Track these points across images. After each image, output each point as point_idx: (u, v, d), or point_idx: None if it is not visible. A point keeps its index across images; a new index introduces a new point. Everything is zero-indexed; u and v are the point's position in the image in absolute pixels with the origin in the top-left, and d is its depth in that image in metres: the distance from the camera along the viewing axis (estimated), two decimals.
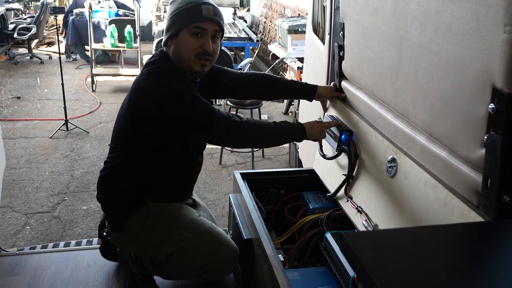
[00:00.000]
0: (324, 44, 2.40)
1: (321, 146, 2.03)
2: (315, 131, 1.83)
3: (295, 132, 1.80)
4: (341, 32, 1.94)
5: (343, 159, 1.89)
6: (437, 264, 0.78)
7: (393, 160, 1.53)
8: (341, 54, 1.98)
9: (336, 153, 1.87)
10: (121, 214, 1.86)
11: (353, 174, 1.80)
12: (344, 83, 2.01)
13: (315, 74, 2.57)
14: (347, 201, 1.81)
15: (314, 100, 2.09)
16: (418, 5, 1.31)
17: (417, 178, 1.40)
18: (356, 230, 1.74)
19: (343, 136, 1.84)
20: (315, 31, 2.72)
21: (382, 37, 1.57)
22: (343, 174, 1.85)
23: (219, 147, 4.53)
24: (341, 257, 1.57)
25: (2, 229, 3.20)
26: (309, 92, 2.05)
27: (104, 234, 2.00)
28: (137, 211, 1.85)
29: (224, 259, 1.85)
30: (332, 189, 1.95)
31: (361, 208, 1.70)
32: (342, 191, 1.87)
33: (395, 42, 1.48)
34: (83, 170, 4.15)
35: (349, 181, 1.82)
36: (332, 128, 1.92)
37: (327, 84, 2.31)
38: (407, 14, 1.38)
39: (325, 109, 2.14)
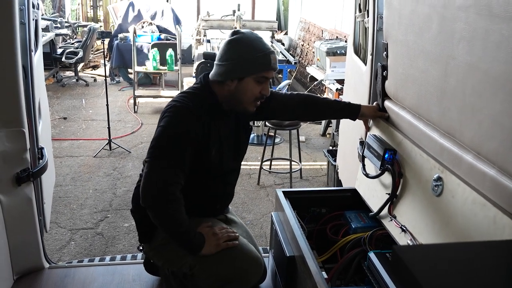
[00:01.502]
0: (366, 64, 2.42)
1: (363, 165, 2.04)
2: (211, 245, 1.82)
3: (192, 244, 1.79)
4: (385, 52, 1.96)
5: (386, 178, 1.89)
6: (494, 280, 0.77)
7: (439, 178, 1.52)
8: (384, 74, 1.99)
9: (379, 172, 1.87)
10: (148, 226, 1.91)
11: (397, 193, 1.80)
12: (387, 103, 2.02)
13: (356, 94, 2.59)
14: (391, 220, 1.80)
15: (357, 120, 2.11)
16: (465, 24, 1.32)
17: (465, 197, 1.39)
18: None
19: (386, 155, 1.84)
20: (356, 52, 2.74)
21: (427, 57, 1.58)
22: (386, 193, 1.84)
23: (257, 167, 4.56)
24: (385, 277, 1.56)
25: (48, 244, 3.31)
26: (353, 111, 2.07)
27: (141, 248, 2.06)
28: None
29: (245, 270, 1.86)
30: (374, 209, 1.94)
31: (406, 227, 1.68)
32: (385, 210, 1.86)
33: (441, 61, 1.49)
34: (125, 188, 4.26)
35: (392, 200, 1.81)
36: (375, 147, 1.93)
37: (369, 104, 2.32)
38: (453, 33, 1.39)
39: (368, 129, 2.15)
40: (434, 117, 1.59)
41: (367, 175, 1.97)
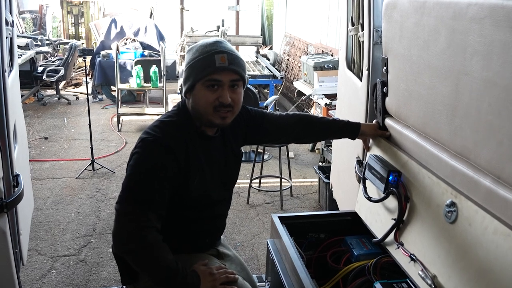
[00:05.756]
0: (361, 80, 2.32)
1: (365, 188, 1.91)
2: (207, 286, 1.60)
3: (185, 286, 1.57)
4: (384, 68, 1.86)
5: (391, 202, 1.77)
6: None
7: (453, 204, 1.40)
8: (384, 90, 1.88)
9: (383, 195, 1.75)
10: (131, 265, 1.75)
11: (404, 219, 1.67)
12: (388, 121, 1.90)
13: (351, 111, 2.48)
14: (398, 248, 1.67)
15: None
16: (480, 37, 1.22)
17: (484, 225, 1.27)
18: (408, 280, 1.60)
19: (390, 177, 1.72)
20: (349, 67, 2.64)
21: (434, 72, 1.47)
22: (392, 219, 1.72)
23: (246, 185, 4.43)
24: None
25: (27, 273, 3.12)
26: (353, 130, 1.95)
27: None
28: None
29: None
30: (378, 234, 1.81)
31: (415, 256, 1.56)
32: (390, 236, 1.73)
33: (451, 77, 1.38)
34: (109, 211, 4.08)
35: (399, 226, 1.69)
36: (377, 168, 1.81)
37: (365, 122, 2.21)
38: (466, 47, 1.29)
39: (368, 148, 2.03)
40: (444, 137, 1.47)
41: (369, 198, 1.84)
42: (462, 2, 1.30)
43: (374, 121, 2.04)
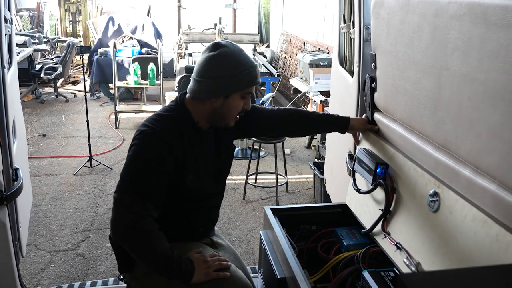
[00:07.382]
0: (352, 76, 2.37)
1: (354, 180, 1.97)
2: (201, 273, 1.67)
3: (181, 273, 1.64)
4: (373, 64, 1.91)
5: (379, 193, 1.83)
6: None
7: (436, 194, 1.46)
8: (373, 85, 1.94)
9: (371, 187, 1.81)
10: (128, 253, 1.76)
11: (391, 209, 1.73)
12: (376, 115, 1.96)
13: (343, 107, 2.54)
14: (385, 237, 1.73)
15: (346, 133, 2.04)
16: (459, 33, 1.27)
17: (464, 213, 1.32)
18: (395, 268, 1.66)
19: (378, 170, 1.78)
20: (342, 63, 2.70)
21: (419, 67, 1.52)
22: (379, 209, 1.78)
23: (243, 181, 4.48)
24: None
25: (26, 268, 3.17)
26: (342, 125, 2.01)
27: (121, 277, 1.92)
28: None
29: None
30: (367, 225, 1.87)
31: (401, 245, 1.62)
32: (378, 226, 1.79)
33: (434, 72, 1.44)
34: (107, 206, 4.13)
35: (386, 216, 1.75)
36: (366, 161, 1.87)
37: (357, 116, 2.26)
38: (447, 43, 1.34)
39: (358, 142, 2.09)
40: (428, 130, 1.53)
41: (358, 190, 1.90)
42: (444, 0, 1.35)
43: (363, 116, 2.10)
